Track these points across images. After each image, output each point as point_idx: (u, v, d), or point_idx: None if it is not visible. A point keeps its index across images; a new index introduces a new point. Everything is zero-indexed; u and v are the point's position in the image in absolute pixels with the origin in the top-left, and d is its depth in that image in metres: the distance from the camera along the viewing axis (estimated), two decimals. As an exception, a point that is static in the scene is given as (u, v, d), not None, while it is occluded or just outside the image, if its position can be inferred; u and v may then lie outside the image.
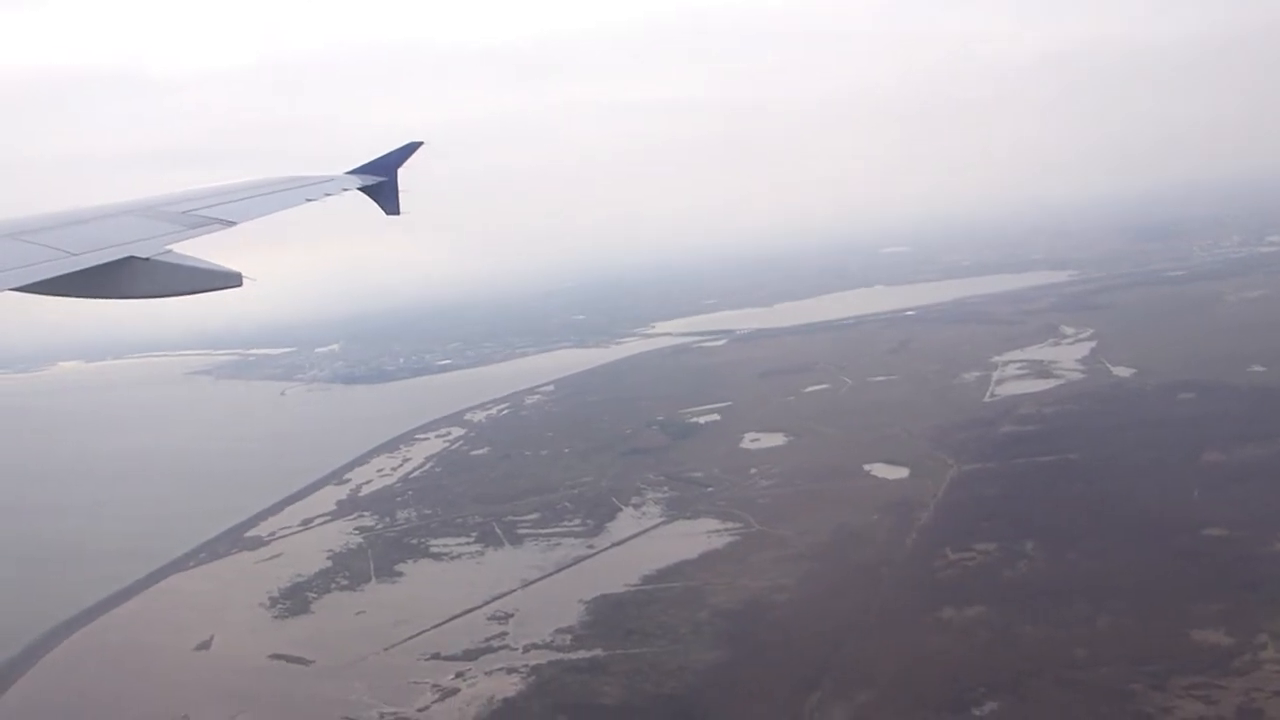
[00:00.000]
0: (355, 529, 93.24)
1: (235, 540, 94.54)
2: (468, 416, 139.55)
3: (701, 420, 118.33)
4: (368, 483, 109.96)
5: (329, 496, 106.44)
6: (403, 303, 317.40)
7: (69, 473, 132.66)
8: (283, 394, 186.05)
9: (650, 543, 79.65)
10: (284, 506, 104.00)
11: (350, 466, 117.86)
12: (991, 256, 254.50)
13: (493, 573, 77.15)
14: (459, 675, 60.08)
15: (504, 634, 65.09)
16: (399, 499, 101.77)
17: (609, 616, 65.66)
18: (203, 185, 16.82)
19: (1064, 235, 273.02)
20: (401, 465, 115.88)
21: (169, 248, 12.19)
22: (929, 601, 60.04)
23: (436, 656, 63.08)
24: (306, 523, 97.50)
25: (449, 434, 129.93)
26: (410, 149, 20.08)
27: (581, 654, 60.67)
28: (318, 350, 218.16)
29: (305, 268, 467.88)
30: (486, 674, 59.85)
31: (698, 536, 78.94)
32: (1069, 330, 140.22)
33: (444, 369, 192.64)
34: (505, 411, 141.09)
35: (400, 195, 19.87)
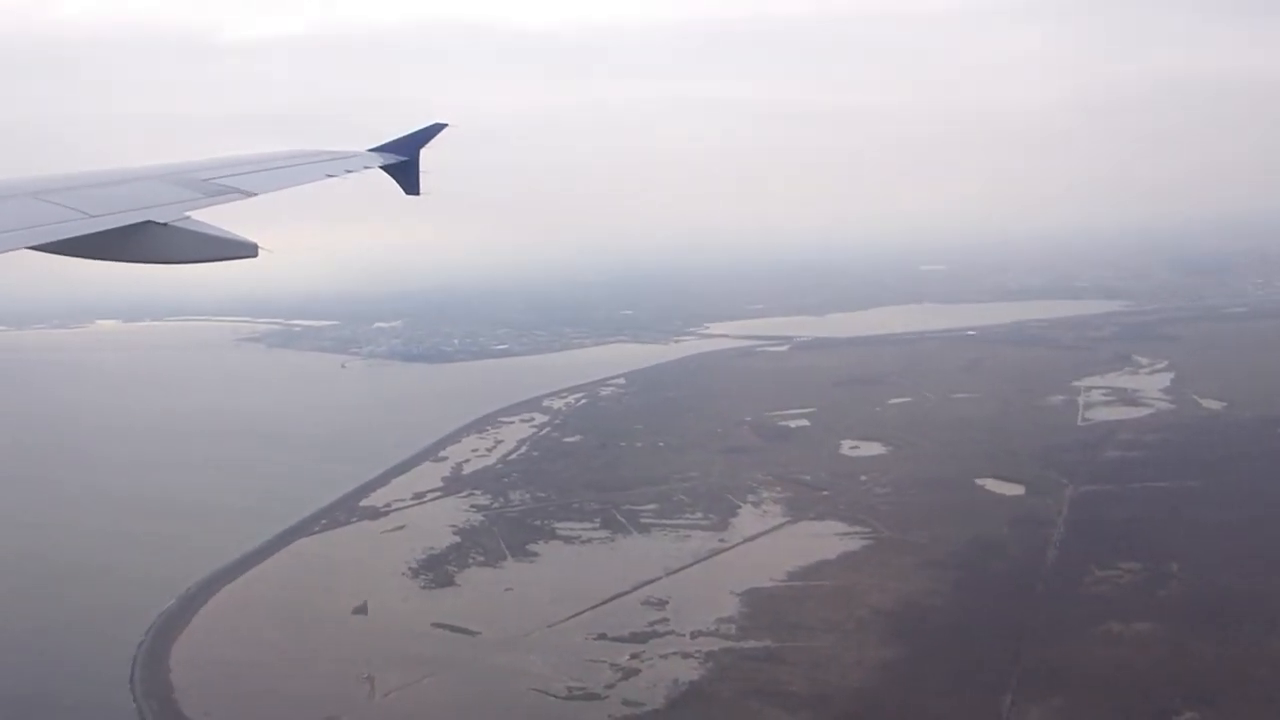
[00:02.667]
0: (471, 506, 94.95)
1: (352, 509, 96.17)
2: (545, 403, 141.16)
3: (791, 424, 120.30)
4: (466, 461, 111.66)
5: (431, 472, 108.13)
6: (433, 285, 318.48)
7: (159, 431, 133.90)
8: (343, 366, 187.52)
9: (782, 540, 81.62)
10: (389, 479, 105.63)
11: (443, 444, 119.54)
12: (1035, 281, 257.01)
13: (630, 559, 79.02)
14: (634, 656, 61.94)
15: (664, 620, 66.97)
16: (505, 480, 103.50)
17: (766, 609, 67.61)
18: (224, 155, 16.97)
19: (1106, 264, 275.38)
20: (495, 447, 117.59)
21: (187, 214, 12.25)
22: (1091, 615, 62.11)
23: (603, 637, 64.90)
24: (419, 497, 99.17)
25: (532, 419, 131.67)
26: (434, 130, 19.97)
27: (752, 643, 62.63)
28: (376, 325, 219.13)
29: (332, 245, 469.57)
30: (662, 657, 61.75)
31: (828, 538, 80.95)
32: (1142, 360, 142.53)
33: (502, 354, 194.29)
34: (583, 401, 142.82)
35: (421, 176, 19.70)
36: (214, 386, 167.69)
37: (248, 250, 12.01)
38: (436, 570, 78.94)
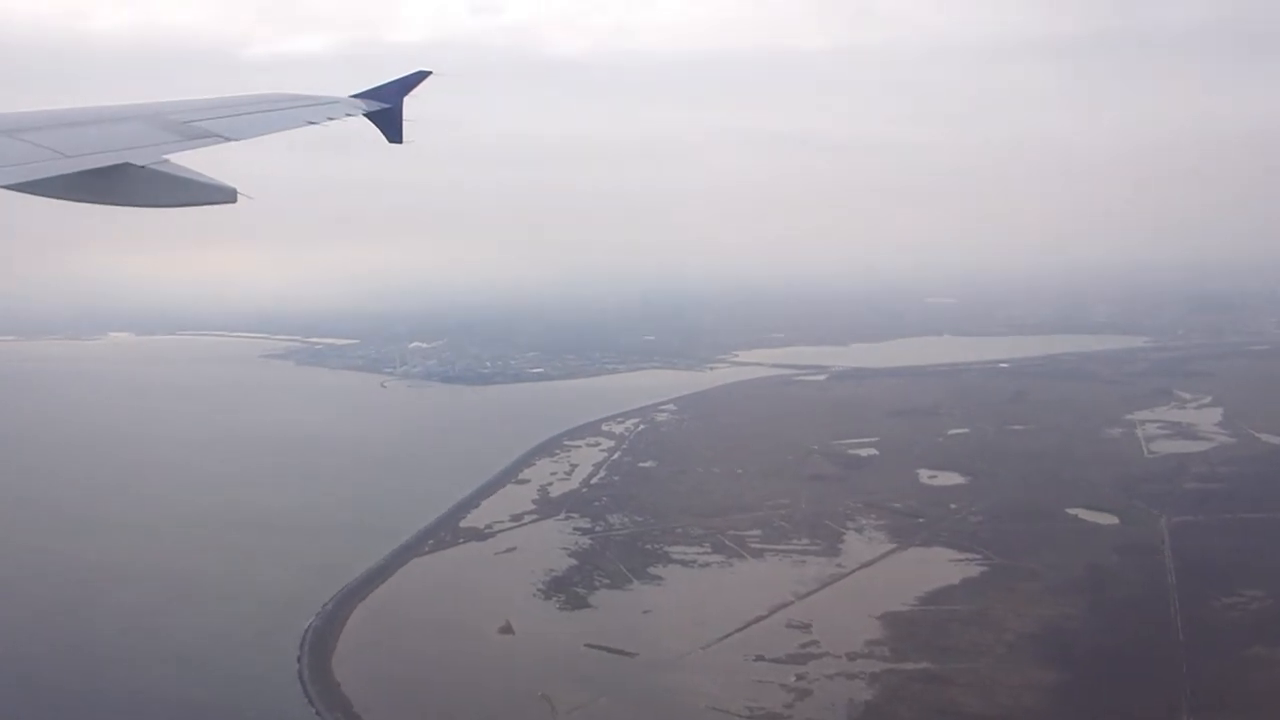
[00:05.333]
0: (574, 529, 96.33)
1: (455, 530, 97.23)
2: (604, 428, 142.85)
3: (861, 453, 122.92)
4: (549, 484, 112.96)
5: (518, 494, 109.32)
6: (445, 305, 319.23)
7: (229, 446, 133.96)
8: (383, 386, 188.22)
9: (899, 566, 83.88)
10: (478, 501, 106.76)
11: (518, 467, 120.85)
12: (1048, 315, 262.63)
13: (755, 583, 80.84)
14: (799, 678, 63.74)
15: (814, 642, 68.83)
16: (596, 504, 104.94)
17: (911, 632, 69.76)
18: (205, 96, 16.62)
19: (1116, 300, 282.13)
20: (572, 471, 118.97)
21: (166, 157, 12.01)
22: (1233, 639, 64.89)
23: (761, 658, 66.63)
24: (517, 519, 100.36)
25: (598, 444, 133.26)
26: (418, 77, 19.57)
27: (910, 665, 64.69)
28: (413, 345, 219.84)
29: (333, 265, 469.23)
30: (827, 678, 63.62)
31: (943, 564, 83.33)
32: (1185, 396, 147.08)
33: (538, 378, 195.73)
34: (641, 427, 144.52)
35: (405, 124, 19.27)
36: (264, 402, 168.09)
37: (226, 195, 11.73)
38: (567, 592, 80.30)
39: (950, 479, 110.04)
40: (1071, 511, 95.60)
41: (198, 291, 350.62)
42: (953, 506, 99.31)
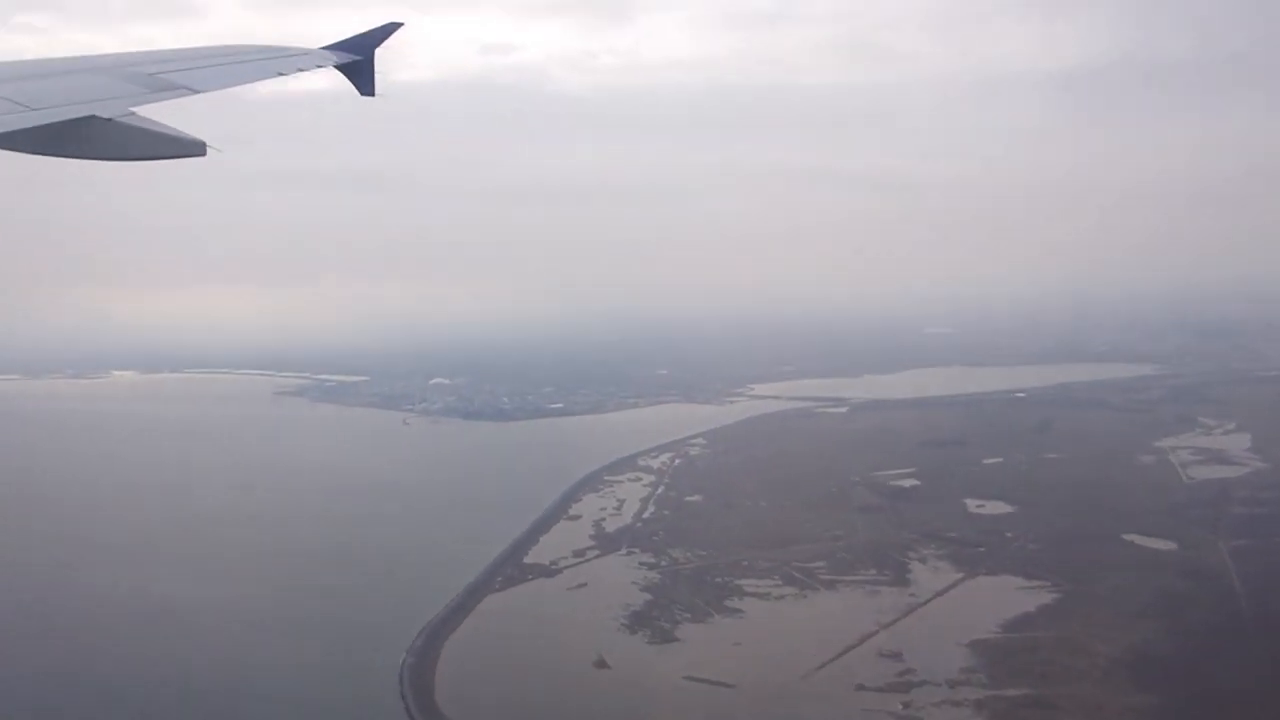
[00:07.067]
0: (640, 564, 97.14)
1: (519, 566, 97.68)
2: (641, 462, 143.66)
3: (904, 484, 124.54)
4: (602, 520, 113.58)
5: (574, 530, 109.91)
6: (447, 340, 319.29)
7: (272, 486, 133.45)
8: (405, 423, 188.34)
9: (971, 594, 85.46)
10: (536, 537, 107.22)
11: (566, 502, 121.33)
12: (1050, 344, 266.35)
13: (835, 614, 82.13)
14: (906, 706, 64.99)
15: (910, 670, 70.04)
16: (655, 539, 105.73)
17: (1003, 659, 71.20)
18: (172, 48, 16.35)
19: (1112, 329, 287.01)
20: (621, 506, 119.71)
21: (132, 110, 11.84)
22: (1324, 661, 66.84)
23: (863, 688, 67.82)
24: (580, 554, 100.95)
25: (639, 479, 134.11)
26: (389, 29, 19.42)
27: (1012, 691, 66.15)
28: (434, 382, 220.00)
29: (333, 301, 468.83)
30: (934, 705, 64.91)
31: (1014, 592, 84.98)
32: (1210, 422, 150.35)
33: (559, 413, 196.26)
34: (677, 461, 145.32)
35: (376, 77, 19.07)
36: (291, 441, 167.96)
37: (195, 149, 11.55)
38: (650, 626, 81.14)
39: (998, 508, 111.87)
40: (1127, 537, 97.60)
41: (197, 328, 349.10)
42: (1008, 535, 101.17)
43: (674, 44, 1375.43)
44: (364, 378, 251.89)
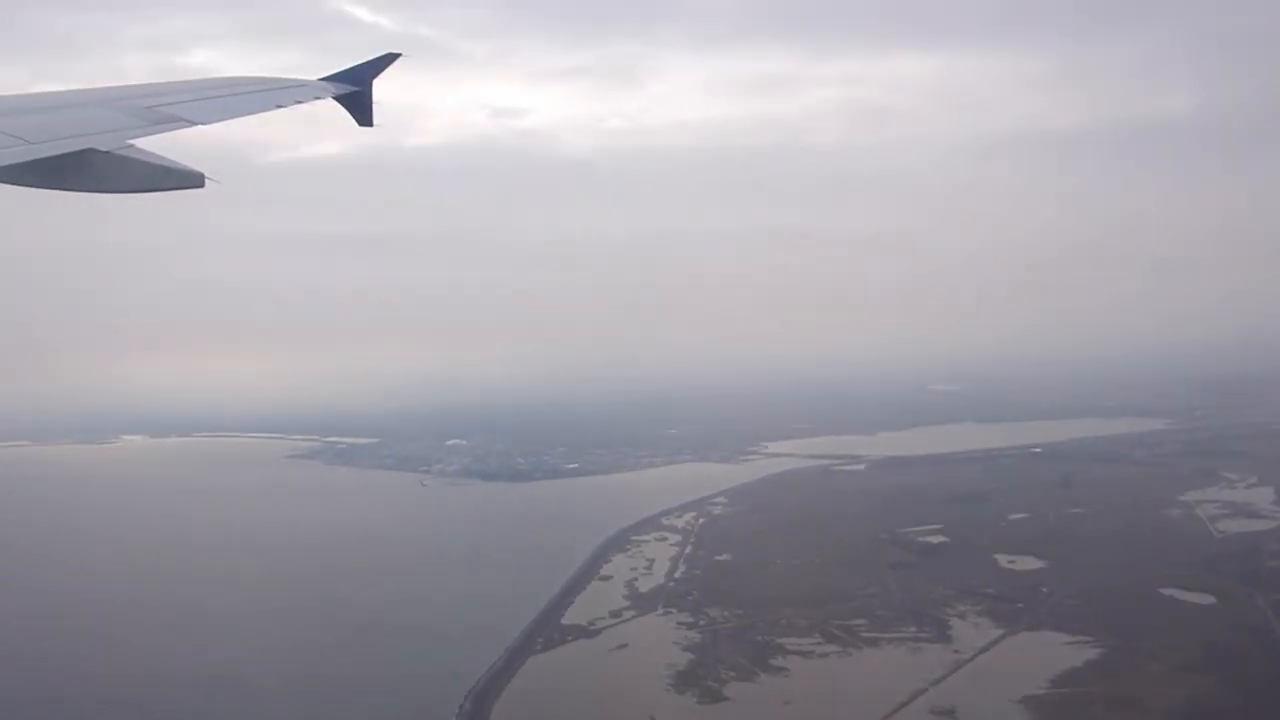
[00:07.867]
0: (678, 624, 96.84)
1: (558, 628, 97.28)
2: (665, 522, 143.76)
3: (932, 540, 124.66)
4: (634, 580, 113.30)
5: (606, 591, 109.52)
6: (449, 402, 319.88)
7: (289, 548, 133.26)
8: (423, 485, 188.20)
9: (1016, 650, 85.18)
10: (570, 598, 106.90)
11: (595, 563, 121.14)
12: (1057, 400, 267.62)
13: (882, 671, 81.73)
14: (969, 762, 64.72)
15: (968, 727, 69.93)
16: (690, 598, 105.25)
17: (1058, 714, 71.07)
18: (170, 80, 16.53)
19: (1114, 384, 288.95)
20: (651, 565, 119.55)
21: (131, 142, 11.92)
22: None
23: (923, 745, 67.60)
24: (616, 615, 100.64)
25: (665, 538, 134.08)
26: (387, 60, 19.46)
27: (1073, 748, 65.88)
28: (450, 443, 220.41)
29: (335, 364, 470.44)
30: (997, 762, 64.60)
31: (1060, 647, 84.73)
32: (1230, 476, 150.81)
33: (576, 473, 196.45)
34: (701, 521, 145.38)
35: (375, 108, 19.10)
36: (309, 504, 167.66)
37: (194, 180, 11.60)
38: (698, 686, 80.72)
39: (1029, 563, 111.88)
40: (1165, 592, 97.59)
41: (203, 392, 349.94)
42: (1044, 590, 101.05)
43: (682, 107, 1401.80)
44: (376, 439, 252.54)
